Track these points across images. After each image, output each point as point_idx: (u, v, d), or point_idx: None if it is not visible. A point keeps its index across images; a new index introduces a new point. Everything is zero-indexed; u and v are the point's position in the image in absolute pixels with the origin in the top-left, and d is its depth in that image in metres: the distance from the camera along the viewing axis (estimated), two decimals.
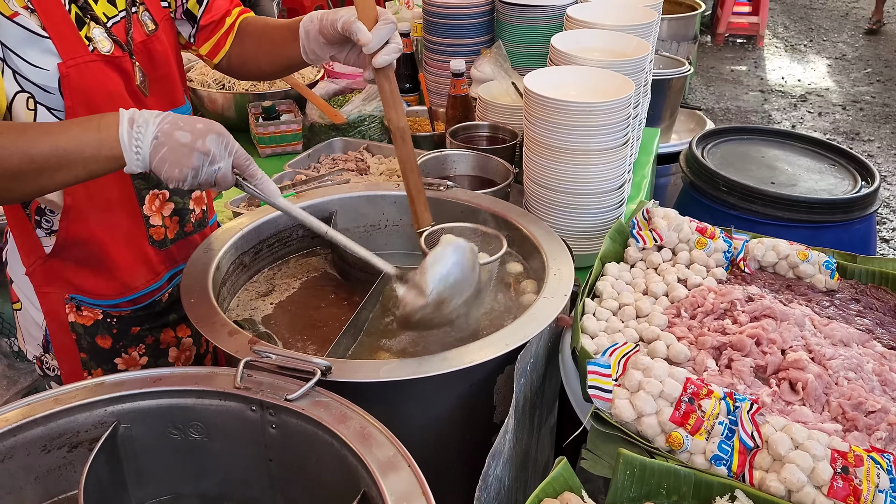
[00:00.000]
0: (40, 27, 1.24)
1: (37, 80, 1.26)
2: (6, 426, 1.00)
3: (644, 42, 1.98)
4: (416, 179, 1.45)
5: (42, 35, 1.24)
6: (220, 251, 1.43)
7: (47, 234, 1.43)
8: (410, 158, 1.44)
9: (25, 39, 1.23)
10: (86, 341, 1.52)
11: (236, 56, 1.59)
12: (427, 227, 1.46)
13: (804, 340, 1.33)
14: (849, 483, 1.06)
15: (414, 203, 1.46)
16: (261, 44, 1.56)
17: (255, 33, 1.57)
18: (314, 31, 1.45)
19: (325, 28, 1.43)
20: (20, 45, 1.23)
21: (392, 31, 1.37)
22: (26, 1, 1.23)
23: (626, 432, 1.17)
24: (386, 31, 1.35)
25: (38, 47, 1.25)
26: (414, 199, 1.46)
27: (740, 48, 7.64)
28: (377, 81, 1.40)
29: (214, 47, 1.58)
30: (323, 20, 1.43)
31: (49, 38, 1.25)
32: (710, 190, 2.22)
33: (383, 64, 1.36)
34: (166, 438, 1.08)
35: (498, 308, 1.46)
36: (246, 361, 1.09)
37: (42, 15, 1.24)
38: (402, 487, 0.92)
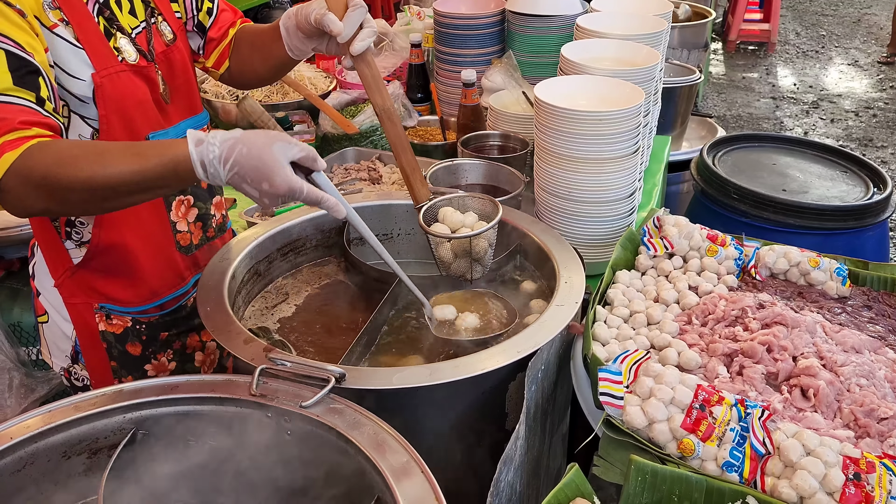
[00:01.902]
0: (75, 38, 1.28)
1: (74, 91, 1.30)
2: (28, 433, 1.02)
3: (654, 51, 1.99)
4: (409, 157, 1.46)
5: (77, 46, 1.28)
6: (235, 260, 1.45)
7: (77, 246, 1.45)
8: (400, 137, 1.45)
9: (65, 50, 1.27)
10: (116, 349, 1.54)
11: (235, 65, 1.62)
12: (425, 201, 1.47)
13: (816, 347, 1.33)
14: (861, 489, 1.06)
15: (409, 179, 1.47)
16: (253, 49, 1.59)
17: (248, 39, 1.60)
18: (292, 27, 1.47)
19: (300, 23, 1.45)
20: (61, 55, 1.27)
21: (363, 14, 1.37)
22: (62, 14, 1.26)
23: (637, 439, 1.18)
24: (356, 16, 1.36)
25: (76, 58, 1.29)
26: (409, 176, 1.46)
27: (752, 55, 7.63)
28: (356, 67, 1.41)
29: (219, 59, 1.61)
30: (298, 15, 1.45)
31: (83, 49, 1.29)
32: (722, 197, 2.22)
33: (360, 51, 1.37)
34: (183, 445, 1.10)
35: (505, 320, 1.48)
36: (261, 369, 1.11)
37: (76, 27, 1.28)
38: (416, 493, 0.93)
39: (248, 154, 1.12)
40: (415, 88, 2.66)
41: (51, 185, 1.11)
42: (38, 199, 1.13)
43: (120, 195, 1.16)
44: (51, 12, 1.25)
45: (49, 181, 1.10)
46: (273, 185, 1.13)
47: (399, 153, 1.45)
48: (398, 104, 2.54)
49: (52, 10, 1.25)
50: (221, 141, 1.13)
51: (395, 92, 2.55)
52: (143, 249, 1.47)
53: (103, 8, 1.34)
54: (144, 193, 1.18)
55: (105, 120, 1.32)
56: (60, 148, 1.14)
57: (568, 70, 1.96)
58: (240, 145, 1.12)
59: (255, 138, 1.14)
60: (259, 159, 1.12)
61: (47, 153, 1.11)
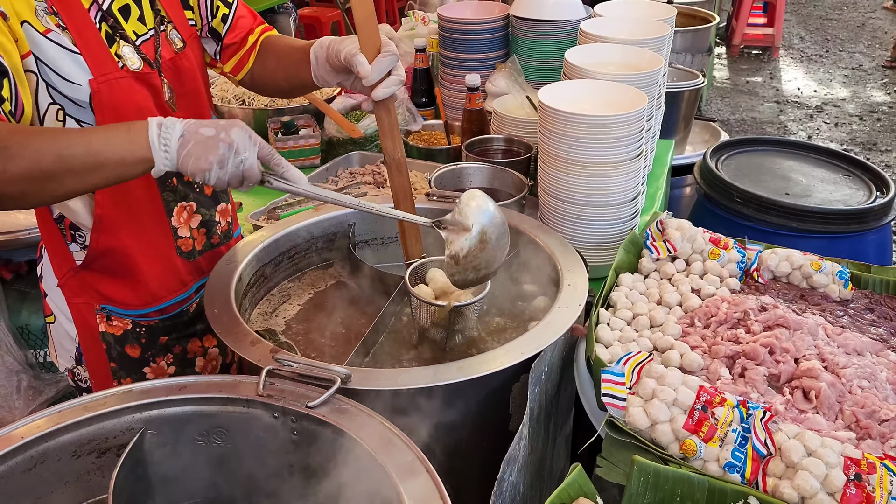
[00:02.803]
0: (72, 43, 1.28)
1: (69, 94, 1.31)
2: (38, 433, 1.04)
3: (657, 56, 2.01)
4: (408, 207, 1.47)
5: (74, 51, 1.29)
6: (241, 263, 1.47)
7: (81, 249, 1.47)
8: (405, 189, 1.46)
9: (59, 56, 1.28)
10: (115, 350, 1.55)
11: (258, 74, 1.63)
12: (416, 259, 1.47)
13: (817, 349, 1.34)
14: (862, 490, 1.07)
15: (405, 235, 1.48)
16: (280, 64, 1.60)
17: (277, 53, 1.61)
18: (322, 57, 1.48)
19: (331, 56, 1.45)
20: (54, 59, 1.27)
21: (393, 62, 1.39)
22: (58, 19, 1.27)
23: (640, 440, 1.19)
24: (386, 63, 1.38)
25: (71, 62, 1.29)
26: (405, 232, 1.48)
27: (756, 59, 7.63)
28: (376, 113, 1.43)
29: (238, 65, 1.62)
30: (329, 48, 1.45)
31: (80, 54, 1.29)
32: (725, 201, 2.23)
33: (382, 97, 1.39)
34: (191, 445, 1.11)
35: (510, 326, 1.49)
36: (268, 370, 1.12)
37: (73, 32, 1.29)
38: (421, 492, 0.94)
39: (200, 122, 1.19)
40: (419, 93, 2.67)
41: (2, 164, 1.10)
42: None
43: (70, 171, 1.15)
44: (46, 17, 1.25)
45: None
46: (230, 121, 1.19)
47: (399, 202, 1.47)
48: (403, 108, 2.56)
49: (49, 16, 1.26)
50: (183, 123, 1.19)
51: (400, 97, 2.57)
52: (143, 254, 1.48)
53: (107, 15, 1.34)
54: (98, 172, 1.17)
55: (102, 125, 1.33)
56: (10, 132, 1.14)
57: (571, 74, 1.97)
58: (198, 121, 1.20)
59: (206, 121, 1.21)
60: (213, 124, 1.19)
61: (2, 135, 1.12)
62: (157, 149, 1.17)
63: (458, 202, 1.30)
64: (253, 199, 2.23)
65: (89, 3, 1.32)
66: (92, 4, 1.32)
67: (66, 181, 1.17)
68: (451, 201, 1.70)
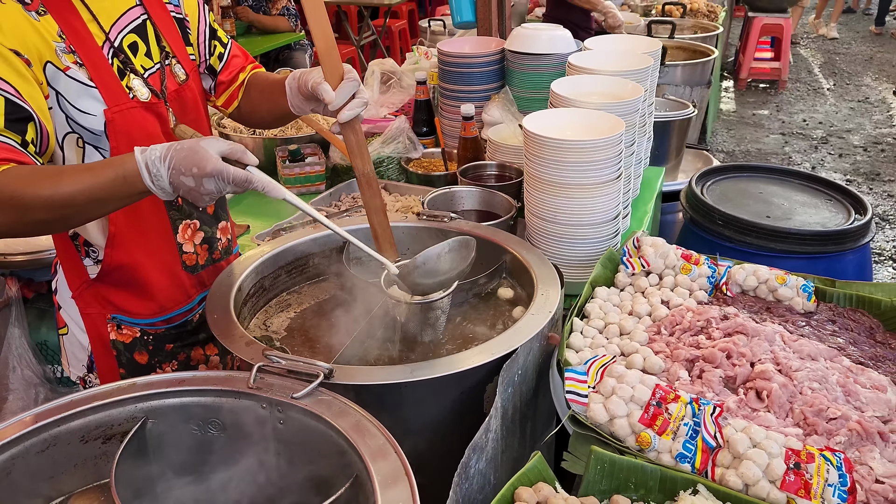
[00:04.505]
0: (88, 78, 1.43)
1: (85, 125, 1.46)
2: (52, 417, 1.16)
3: (638, 86, 2.13)
4: (381, 219, 1.60)
5: (90, 85, 1.43)
6: (241, 275, 1.59)
7: (94, 263, 1.60)
8: (375, 201, 1.59)
9: (77, 90, 1.43)
10: (125, 357, 1.68)
11: (245, 107, 1.79)
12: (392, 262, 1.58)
13: (773, 354, 1.43)
14: (800, 477, 1.16)
15: (379, 241, 1.60)
16: (262, 96, 1.74)
17: (260, 87, 1.76)
18: (295, 88, 1.61)
19: (301, 86, 1.59)
20: (73, 94, 1.42)
21: (355, 87, 1.52)
22: (76, 57, 1.42)
23: (600, 433, 1.28)
24: (349, 88, 1.51)
25: (88, 96, 1.44)
26: (379, 238, 1.60)
27: (763, 93, 7.75)
28: (343, 133, 1.55)
29: (228, 98, 1.78)
30: (300, 79, 1.59)
31: (96, 88, 1.44)
32: (708, 224, 2.34)
33: (346, 119, 1.52)
34: (188, 433, 1.23)
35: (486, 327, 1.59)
36: (259, 366, 1.24)
37: (90, 68, 1.44)
38: (389, 471, 1.05)
39: (180, 148, 1.29)
40: (420, 123, 2.81)
41: (16, 204, 1.25)
42: (4, 216, 1.26)
43: (78, 209, 1.30)
44: (64, 56, 1.40)
45: (15, 200, 1.25)
46: (201, 168, 1.27)
47: (371, 215, 1.59)
48: (404, 137, 2.69)
49: (66, 55, 1.40)
50: (161, 147, 1.30)
51: (402, 126, 2.71)
52: (151, 268, 1.62)
53: (118, 51, 1.49)
54: (100, 206, 1.32)
55: (116, 151, 1.48)
56: (25, 171, 1.29)
57: (557, 104, 2.10)
58: (176, 145, 1.30)
59: (189, 141, 1.32)
60: (190, 150, 1.29)
61: (14, 175, 1.27)
62: (156, 190, 1.30)
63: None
64: (260, 222, 2.37)
65: (102, 40, 1.47)
66: (105, 42, 1.47)
67: (76, 218, 1.35)
68: (440, 220, 1.82)
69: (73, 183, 1.29)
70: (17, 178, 1.27)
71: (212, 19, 1.75)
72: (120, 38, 1.50)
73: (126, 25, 1.52)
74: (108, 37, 1.48)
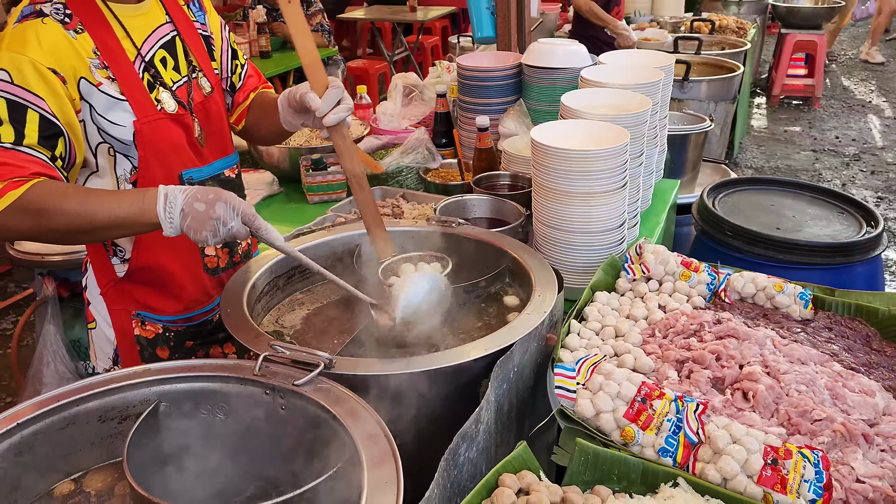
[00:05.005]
0: (119, 92, 1.55)
1: (116, 135, 1.57)
2: (72, 397, 1.25)
3: (645, 98, 2.18)
4: (375, 218, 1.68)
5: (121, 98, 1.55)
6: (256, 273, 1.68)
7: (121, 262, 1.71)
8: (367, 201, 1.67)
9: (108, 103, 1.54)
10: (148, 352, 1.78)
11: (249, 125, 1.91)
12: (388, 258, 1.66)
13: (762, 357, 1.47)
14: (777, 473, 1.20)
15: (375, 238, 1.67)
16: (262, 114, 1.86)
17: (261, 105, 1.87)
18: (286, 104, 1.72)
19: (291, 100, 1.69)
20: (104, 107, 1.54)
21: (339, 94, 1.60)
22: (108, 72, 1.54)
23: (587, 428, 1.34)
24: (333, 95, 1.59)
25: (118, 108, 1.55)
26: (374, 235, 1.67)
27: (796, 109, 7.70)
28: (331, 137, 1.64)
29: (238, 117, 1.90)
30: (289, 94, 1.69)
31: (126, 101, 1.56)
32: (718, 234, 2.37)
33: (332, 123, 1.60)
34: (197, 416, 1.31)
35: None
36: (265, 356, 1.32)
37: (121, 83, 1.55)
38: (378, 453, 1.12)
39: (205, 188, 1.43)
40: (440, 134, 2.90)
41: (41, 211, 1.37)
42: (24, 221, 1.37)
43: (95, 230, 1.42)
44: (97, 72, 1.52)
45: (41, 210, 1.37)
46: (217, 195, 1.41)
47: (365, 214, 1.68)
48: (423, 148, 2.79)
49: (99, 70, 1.52)
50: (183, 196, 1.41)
51: (421, 137, 2.80)
52: (175, 269, 1.72)
53: (148, 66, 1.61)
54: (115, 230, 1.44)
55: (144, 159, 1.59)
56: (56, 185, 1.41)
57: (566, 115, 2.16)
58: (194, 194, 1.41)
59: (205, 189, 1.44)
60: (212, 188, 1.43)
61: (45, 187, 1.39)
62: (164, 220, 1.41)
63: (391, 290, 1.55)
64: (283, 227, 2.47)
65: (134, 56, 1.58)
66: (137, 57, 1.59)
67: (92, 235, 1.48)
68: (449, 225, 1.89)
69: (97, 204, 1.41)
70: (48, 191, 1.40)
71: (232, 40, 1.87)
72: (151, 53, 1.62)
73: (157, 41, 1.64)
74: (139, 52, 1.59)
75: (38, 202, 1.38)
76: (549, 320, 1.57)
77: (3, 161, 1.39)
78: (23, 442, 1.21)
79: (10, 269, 4.83)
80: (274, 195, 2.83)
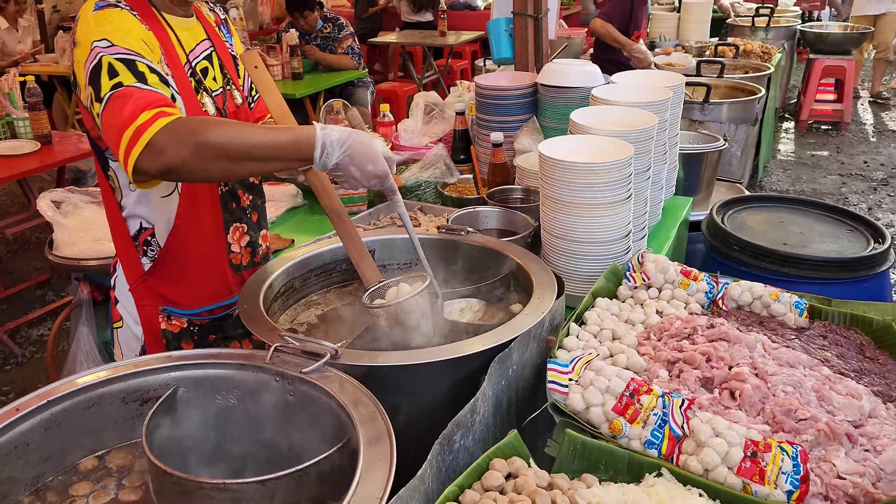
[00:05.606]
0: (176, 91, 1.68)
1: None
2: (97, 379, 1.36)
3: (653, 115, 2.26)
4: (358, 247, 1.75)
5: (176, 92, 1.68)
6: (273, 273, 1.79)
7: (149, 260, 1.84)
8: (348, 232, 1.75)
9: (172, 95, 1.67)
10: (173, 346, 1.89)
11: None
12: (374, 284, 1.71)
13: (752, 360, 1.53)
14: (756, 465, 1.25)
15: (359, 266, 1.74)
16: None
17: None
18: None
19: None
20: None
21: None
22: (167, 69, 1.67)
23: (578, 421, 1.40)
24: None
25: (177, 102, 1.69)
26: (359, 263, 1.75)
27: (824, 134, 7.68)
28: (307, 178, 1.73)
29: None
30: None
31: (180, 97, 1.70)
32: (725, 249, 2.42)
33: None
34: (212, 401, 1.41)
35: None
36: (276, 346, 1.42)
37: (176, 80, 1.69)
38: (374, 433, 1.20)
39: (360, 141, 1.51)
40: (458, 150, 3.00)
41: (196, 140, 1.41)
42: (179, 150, 1.40)
43: (248, 158, 1.45)
44: (164, 65, 1.66)
45: (195, 136, 1.41)
46: (376, 167, 1.52)
47: (349, 245, 1.75)
48: (441, 163, 2.88)
49: (164, 65, 1.66)
50: (339, 131, 1.50)
51: (439, 153, 2.90)
52: (201, 260, 1.84)
53: (195, 72, 1.76)
54: (267, 163, 1.49)
55: None
56: (207, 118, 1.51)
57: (575, 131, 2.25)
58: (354, 135, 1.51)
59: (364, 134, 1.54)
60: (368, 146, 1.52)
61: (197, 119, 1.49)
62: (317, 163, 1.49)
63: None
64: (304, 237, 2.59)
65: (184, 61, 1.73)
66: (186, 62, 1.74)
67: (238, 169, 1.49)
68: (458, 233, 1.98)
69: (251, 134, 1.47)
70: (199, 120, 1.49)
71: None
72: (196, 62, 1.77)
73: (200, 54, 1.80)
74: (188, 59, 1.75)
75: (191, 124, 1.45)
76: (548, 321, 1.65)
77: (141, 95, 1.47)
78: (52, 418, 1.31)
79: (48, 279, 5.04)
80: (297, 207, 2.95)
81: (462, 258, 1.93)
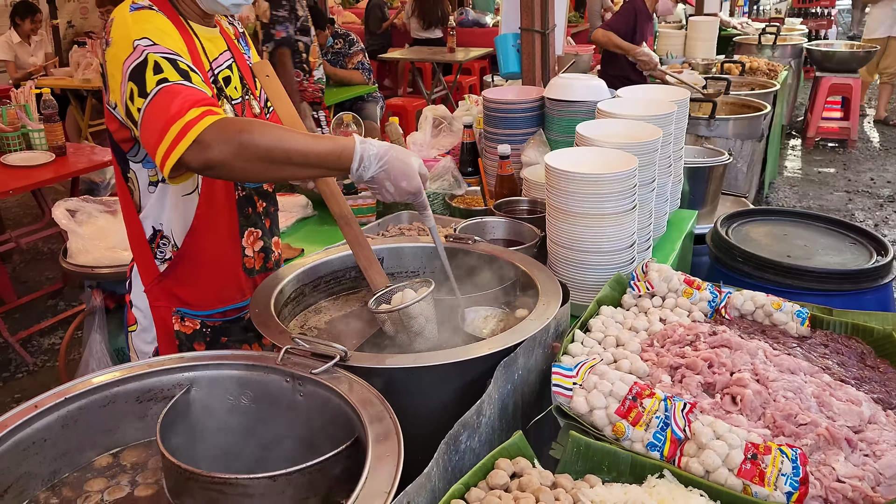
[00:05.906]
0: None
1: None
2: (113, 378, 1.40)
3: (656, 129, 2.30)
4: (367, 254, 1.79)
5: None
6: (284, 279, 1.82)
7: (162, 262, 1.88)
8: (357, 238, 1.79)
9: None
10: (186, 347, 1.93)
11: None
12: (382, 288, 1.75)
13: (753, 366, 1.55)
14: (756, 466, 1.28)
15: (367, 272, 1.78)
16: None
17: None
18: None
19: None
20: None
21: None
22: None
23: (582, 423, 1.43)
24: None
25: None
26: (367, 269, 1.79)
27: (831, 151, 7.71)
28: (317, 185, 1.78)
29: None
30: None
31: None
32: (729, 261, 2.45)
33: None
34: (224, 401, 1.44)
35: None
36: (287, 348, 1.45)
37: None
38: (382, 430, 1.23)
39: (397, 157, 1.56)
40: (466, 163, 3.04)
41: (241, 140, 1.45)
42: (224, 148, 1.43)
43: (288, 163, 1.48)
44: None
45: (241, 136, 1.45)
46: (409, 184, 1.57)
47: (357, 251, 1.79)
48: (449, 175, 2.93)
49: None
50: (378, 145, 1.55)
51: (448, 165, 2.95)
52: (215, 262, 1.89)
53: (217, 80, 1.82)
54: (305, 168, 1.51)
55: None
56: (254, 119, 1.54)
57: (581, 143, 2.29)
58: (392, 150, 1.55)
59: (401, 150, 1.58)
60: (405, 163, 1.56)
61: (244, 119, 1.53)
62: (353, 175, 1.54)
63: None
64: (315, 246, 2.63)
65: (208, 68, 1.79)
66: (209, 70, 1.80)
67: (278, 172, 1.53)
68: (465, 242, 2.02)
69: (294, 140, 1.50)
70: (245, 121, 1.52)
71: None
72: (218, 71, 1.83)
73: (223, 63, 1.86)
74: (211, 67, 1.80)
75: (238, 124, 1.48)
76: (553, 328, 1.68)
77: (189, 92, 1.51)
78: (68, 415, 1.35)
79: (61, 289, 5.10)
80: (307, 218, 3.00)
81: (468, 266, 1.97)
